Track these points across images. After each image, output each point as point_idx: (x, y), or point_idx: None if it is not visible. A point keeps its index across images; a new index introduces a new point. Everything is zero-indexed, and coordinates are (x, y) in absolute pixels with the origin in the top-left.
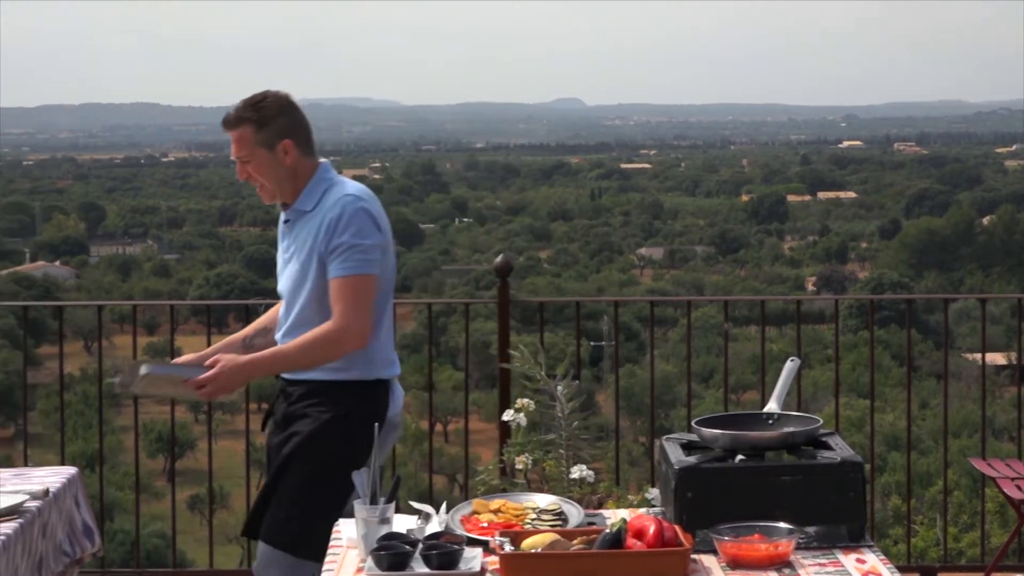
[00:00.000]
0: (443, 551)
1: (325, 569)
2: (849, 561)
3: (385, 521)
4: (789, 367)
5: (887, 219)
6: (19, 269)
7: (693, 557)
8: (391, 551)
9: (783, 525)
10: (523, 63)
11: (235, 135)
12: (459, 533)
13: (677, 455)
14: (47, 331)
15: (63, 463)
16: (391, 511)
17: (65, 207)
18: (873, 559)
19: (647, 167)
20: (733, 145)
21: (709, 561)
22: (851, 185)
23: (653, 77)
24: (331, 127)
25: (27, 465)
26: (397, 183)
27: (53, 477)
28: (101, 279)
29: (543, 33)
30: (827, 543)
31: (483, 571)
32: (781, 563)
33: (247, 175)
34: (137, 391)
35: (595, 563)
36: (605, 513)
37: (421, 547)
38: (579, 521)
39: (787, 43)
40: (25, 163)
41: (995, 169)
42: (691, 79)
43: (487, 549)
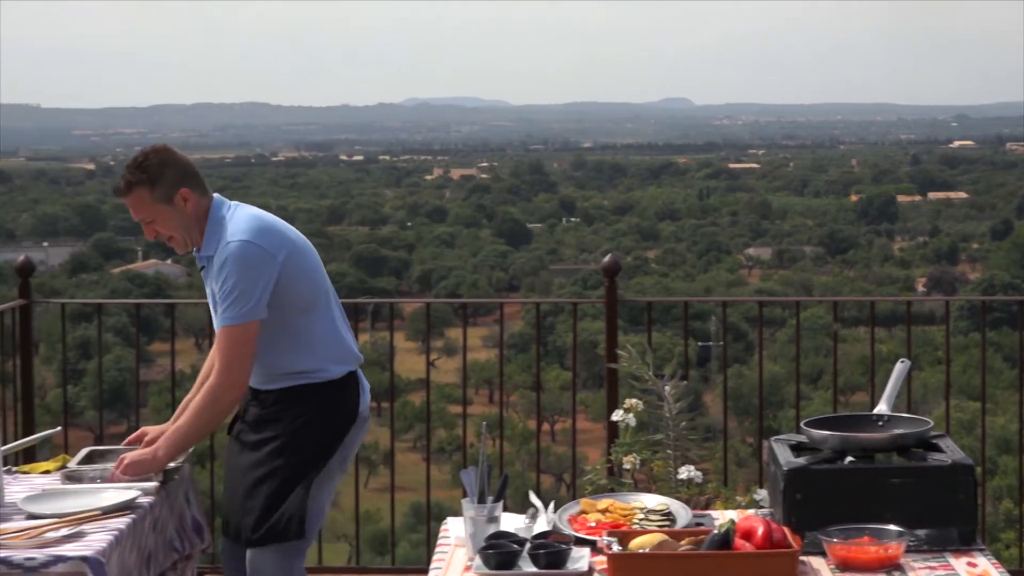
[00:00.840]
0: (551, 550)
1: (433, 567)
2: (960, 564)
3: (493, 520)
4: (899, 368)
5: (998, 220)
6: (131, 267)
7: (802, 559)
8: (499, 550)
9: (893, 527)
10: (631, 63)
11: (131, 200)
12: (567, 532)
13: (786, 456)
14: (159, 329)
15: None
16: (499, 510)
17: None
18: (985, 563)
19: (755, 167)
20: (842, 145)
21: (818, 563)
22: (962, 185)
23: (762, 76)
24: (439, 127)
25: None
26: (505, 183)
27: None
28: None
29: (652, 32)
30: (937, 546)
31: (591, 571)
32: (891, 566)
33: (155, 234)
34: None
35: (704, 564)
36: (713, 514)
37: (529, 546)
38: (687, 522)
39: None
40: None
41: None
42: (800, 78)
43: (595, 549)
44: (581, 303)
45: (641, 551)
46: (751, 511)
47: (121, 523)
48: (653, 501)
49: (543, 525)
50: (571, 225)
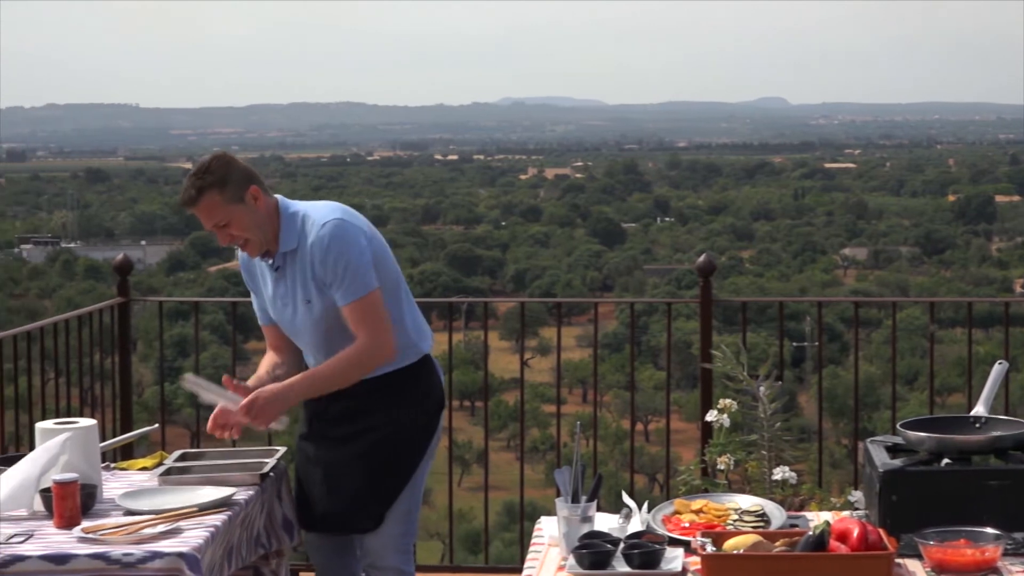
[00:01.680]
0: (645, 550)
1: (527, 566)
2: None
3: (587, 520)
4: (997, 370)
5: None
6: (227, 266)
7: (897, 561)
8: (593, 550)
9: (990, 530)
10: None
11: (203, 207)
12: (660, 533)
13: (882, 458)
14: (254, 327)
15: None
16: (593, 510)
17: None
18: None
19: (851, 167)
20: (939, 144)
21: (914, 566)
22: None
23: (858, 75)
24: (534, 126)
25: None
26: (599, 182)
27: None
28: None
29: (747, 32)
30: None
31: (684, 571)
32: (988, 569)
33: (230, 238)
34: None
35: (798, 565)
36: (808, 515)
37: (623, 546)
38: (781, 523)
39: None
40: None
41: None
42: (897, 77)
43: (688, 549)
44: (675, 303)
45: (735, 552)
46: (846, 513)
47: (217, 520)
48: (747, 502)
49: (637, 525)
50: (665, 225)
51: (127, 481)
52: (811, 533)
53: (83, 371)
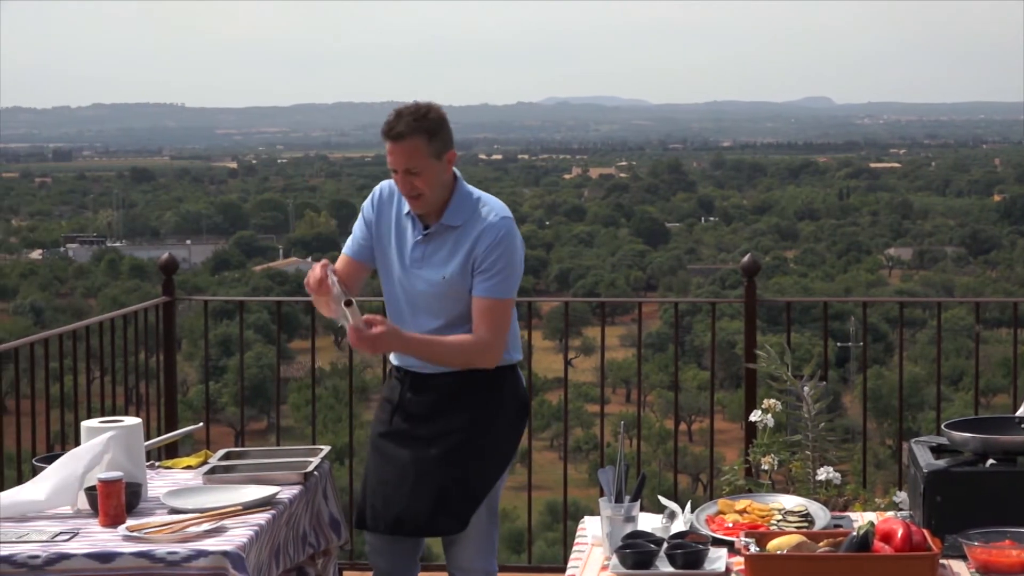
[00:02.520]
0: (688, 550)
1: (570, 566)
2: None
3: (630, 519)
4: None
5: None
6: (272, 265)
7: (942, 562)
8: (636, 549)
9: None
10: (771, 61)
11: (406, 146)
12: (704, 533)
13: (926, 458)
14: (299, 326)
15: None
16: (636, 509)
17: (317, 204)
18: None
19: (896, 166)
20: (985, 144)
21: (958, 567)
22: None
23: (903, 75)
24: (579, 125)
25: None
26: (643, 181)
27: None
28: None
29: (792, 31)
30: None
31: (728, 571)
32: None
33: (411, 187)
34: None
35: (842, 566)
36: (852, 516)
37: (666, 546)
38: (825, 523)
39: None
40: (280, 161)
41: None
42: (943, 77)
43: (732, 549)
44: (720, 303)
45: (779, 552)
46: (890, 513)
47: (261, 519)
48: (791, 502)
49: (680, 525)
50: (709, 224)
51: (171, 480)
52: (855, 534)
53: (128, 370)
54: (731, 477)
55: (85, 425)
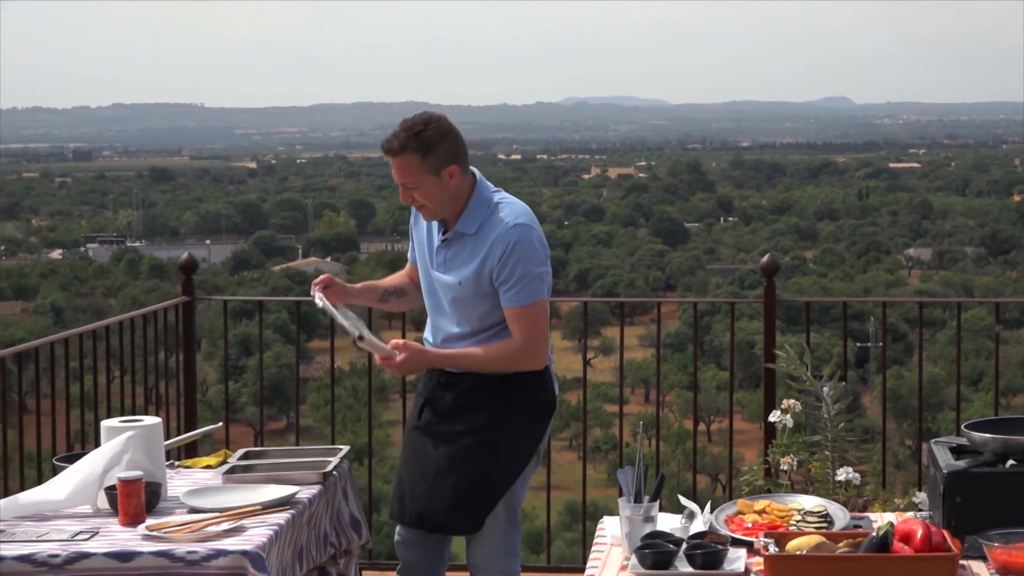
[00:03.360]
0: (707, 551)
1: (589, 566)
2: None
3: (649, 519)
4: None
5: None
6: (292, 265)
7: (962, 563)
8: (655, 549)
9: None
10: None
11: (399, 162)
12: (723, 533)
13: (946, 459)
14: (318, 326)
15: None
16: (655, 510)
17: (336, 204)
18: None
19: (916, 166)
20: (1005, 144)
21: (978, 567)
22: None
23: (923, 75)
24: (598, 125)
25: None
26: (662, 181)
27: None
28: (371, 275)
29: (811, 31)
30: None
31: (747, 572)
32: None
33: (411, 199)
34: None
35: (862, 566)
36: (871, 516)
37: (685, 546)
38: (845, 524)
39: None
40: (299, 161)
41: None
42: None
43: (751, 550)
44: (739, 303)
45: (798, 553)
46: (910, 514)
47: (280, 518)
48: (811, 502)
49: (699, 525)
50: (729, 224)
51: (191, 479)
52: (874, 534)
53: (148, 369)
54: (750, 477)
55: (105, 424)
